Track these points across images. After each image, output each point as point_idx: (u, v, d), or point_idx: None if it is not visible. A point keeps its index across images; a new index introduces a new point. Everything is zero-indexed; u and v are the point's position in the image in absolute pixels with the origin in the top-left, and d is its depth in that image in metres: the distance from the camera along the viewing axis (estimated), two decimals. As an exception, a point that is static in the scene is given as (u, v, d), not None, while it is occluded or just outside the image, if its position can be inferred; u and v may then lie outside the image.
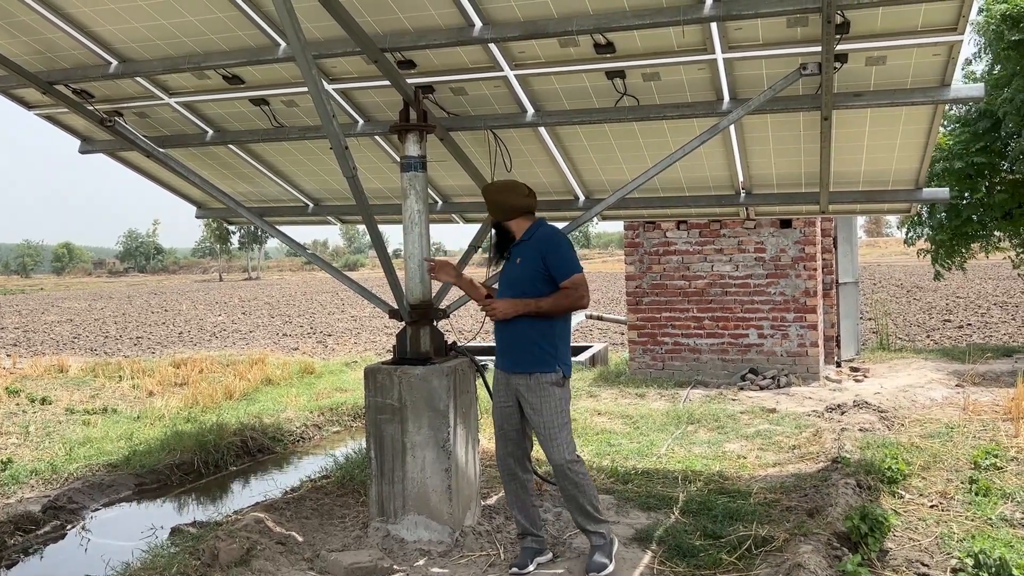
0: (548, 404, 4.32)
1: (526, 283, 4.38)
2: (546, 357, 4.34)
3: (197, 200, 7.71)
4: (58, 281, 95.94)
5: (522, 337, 4.36)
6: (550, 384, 4.32)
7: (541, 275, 4.34)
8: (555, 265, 4.32)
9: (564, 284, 4.29)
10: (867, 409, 8.22)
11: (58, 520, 5.83)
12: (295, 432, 8.51)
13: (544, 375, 4.32)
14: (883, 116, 5.16)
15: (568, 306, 4.33)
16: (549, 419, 4.32)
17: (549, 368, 4.33)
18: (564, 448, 4.32)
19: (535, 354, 4.34)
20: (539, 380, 4.33)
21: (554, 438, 4.31)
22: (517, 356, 4.39)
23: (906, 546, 4.69)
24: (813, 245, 10.27)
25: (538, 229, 4.49)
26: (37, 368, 12.81)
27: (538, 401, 4.33)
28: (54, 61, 5.43)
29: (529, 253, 4.40)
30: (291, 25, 4.04)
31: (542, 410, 4.33)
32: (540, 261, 4.33)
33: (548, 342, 4.35)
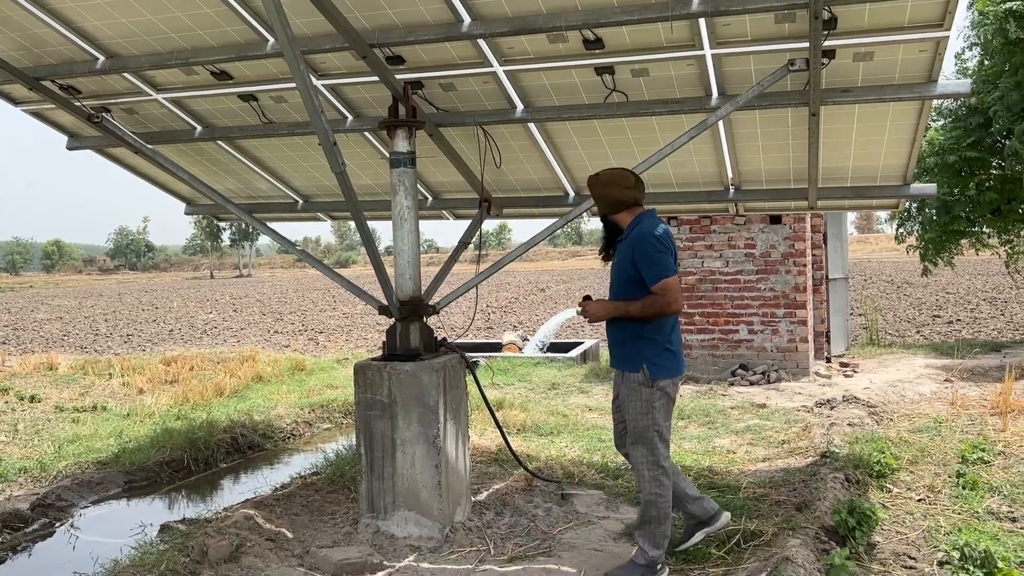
0: (634, 404, 4.26)
1: (619, 285, 4.36)
2: (632, 356, 4.28)
3: (186, 196, 7.68)
4: (48, 279, 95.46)
5: (614, 336, 4.41)
6: (636, 384, 4.25)
7: (632, 277, 4.26)
8: (643, 269, 4.20)
9: (653, 289, 4.17)
10: (856, 404, 8.26)
11: (47, 518, 5.80)
12: (285, 429, 8.50)
13: (631, 374, 4.28)
14: (871, 112, 5.18)
15: (654, 313, 4.19)
16: (633, 419, 4.28)
17: (634, 367, 4.26)
18: (646, 450, 4.25)
19: (624, 353, 4.33)
20: (628, 379, 4.30)
21: (639, 439, 4.27)
22: (612, 353, 4.46)
23: (893, 539, 4.72)
24: (803, 241, 10.30)
25: (636, 226, 4.33)
26: (26, 366, 12.73)
27: (627, 399, 4.31)
28: (40, 57, 5.40)
29: (623, 252, 4.35)
30: (279, 20, 4.03)
31: (628, 408, 4.31)
32: (630, 263, 4.26)
33: (634, 342, 4.28)
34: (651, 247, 4.19)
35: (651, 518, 4.27)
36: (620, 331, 4.35)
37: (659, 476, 4.25)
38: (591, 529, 5.11)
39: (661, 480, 4.25)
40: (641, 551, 4.29)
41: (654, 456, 4.25)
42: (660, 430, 4.26)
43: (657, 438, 4.25)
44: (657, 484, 4.25)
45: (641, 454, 4.27)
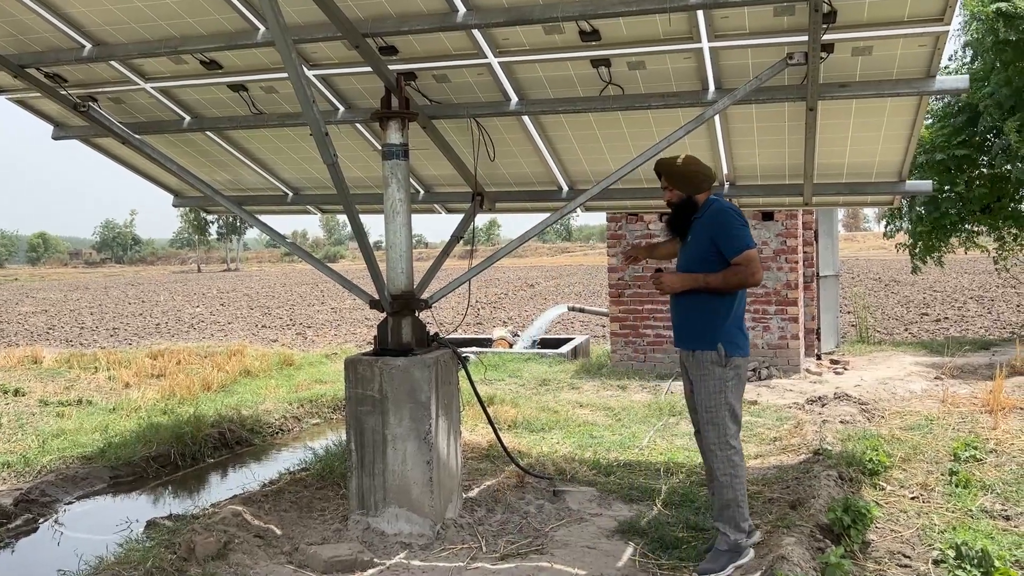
0: (706, 383, 4.23)
1: (694, 263, 4.30)
2: (706, 334, 4.23)
3: (174, 188, 7.58)
4: (33, 272, 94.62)
5: (685, 314, 4.34)
6: (709, 363, 4.21)
7: (709, 255, 4.24)
8: (724, 242, 4.20)
9: (735, 260, 4.18)
10: (848, 401, 8.25)
11: (30, 513, 5.70)
12: (274, 424, 8.42)
13: (704, 352, 4.23)
14: (868, 107, 5.15)
15: (737, 283, 4.20)
16: (706, 399, 4.23)
17: (709, 346, 4.21)
18: (717, 431, 4.22)
19: (696, 331, 4.27)
20: (699, 358, 4.25)
21: (710, 420, 4.23)
22: (681, 333, 4.38)
23: (888, 538, 4.69)
24: (795, 238, 10.29)
25: (710, 205, 4.37)
26: (10, 359, 12.58)
27: (698, 379, 4.27)
28: (25, 44, 5.29)
29: (699, 231, 4.32)
30: (270, 8, 3.94)
31: (700, 389, 4.26)
32: (708, 241, 4.25)
33: (709, 319, 4.24)
34: (735, 220, 4.26)
35: (729, 501, 4.23)
36: (693, 308, 4.29)
37: (732, 456, 4.23)
38: (583, 526, 5.06)
39: (734, 460, 4.23)
40: (724, 536, 4.26)
41: (725, 436, 4.22)
42: (733, 410, 4.24)
43: (729, 418, 4.23)
44: (731, 465, 4.22)
45: (713, 435, 4.23)
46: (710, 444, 4.27)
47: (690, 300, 4.29)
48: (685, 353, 4.39)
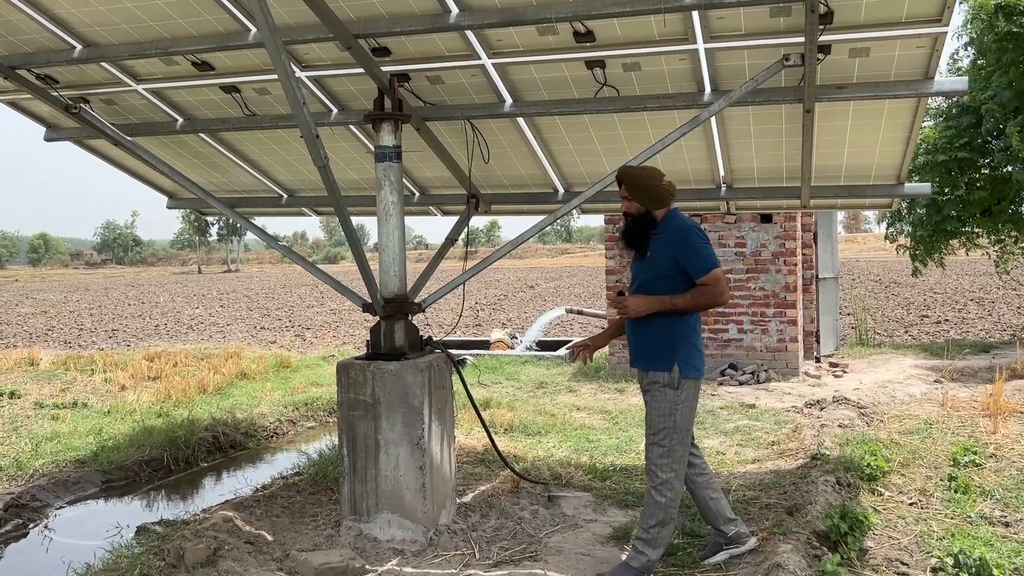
0: (658, 404, 4.12)
1: (655, 281, 4.14)
2: (665, 355, 4.10)
3: (168, 190, 7.53)
4: (34, 272, 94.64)
5: (642, 333, 4.20)
6: (663, 384, 4.09)
7: (670, 272, 4.10)
8: (689, 261, 4.07)
9: (702, 280, 4.05)
10: (846, 405, 8.20)
11: (20, 519, 5.65)
12: (268, 428, 8.37)
13: (658, 373, 4.11)
14: (866, 109, 5.10)
15: (705, 303, 4.12)
16: (656, 420, 4.12)
17: (666, 367, 4.09)
18: (662, 452, 4.09)
19: (654, 351, 4.14)
20: (652, 378, 4.14)
21: (657, 442, 4.11)
22: (639, 353, 4.24)
23: (885, 545, 4.63)
24: (794, 240, 10.24)
25: (670, 221, 4.21)
26: (7, 361, 12.54)
27: (649, 399, 4.18)
28: (16, 45, 5.24)
29: (659, 248, 4.16)
30: (259, 8, 3.89)
31: (651, 408, 4.16)
32: (670, 260, 4.10)
33: (667, 339, 4.12)
34: (697, 238, 4.14)
35: (660, 521, 4.12)
36: (652, 328, 4.15)
37: (672, 480, 4.11)
38: (578, 532, 5.00)
39: (674, 485, 4.11)
40: (637, 554, 4.15)
41: (670, 458, 4.10)
42: (681, 433, 4.12)
43: (677, 441, 4.11)
44: (670, 488, 4.11)
45: (657, 455, 4.12)
46: (653, 463, 4.13)
47: (649, 320, 4.15)
48: (639, 372, 4.27)
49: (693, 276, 4.07)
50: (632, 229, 4.27)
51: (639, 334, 4.23)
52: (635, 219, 4.25)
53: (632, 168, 4.36)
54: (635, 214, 4.24)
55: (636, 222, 4.25)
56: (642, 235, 4.23)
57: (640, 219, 4.23)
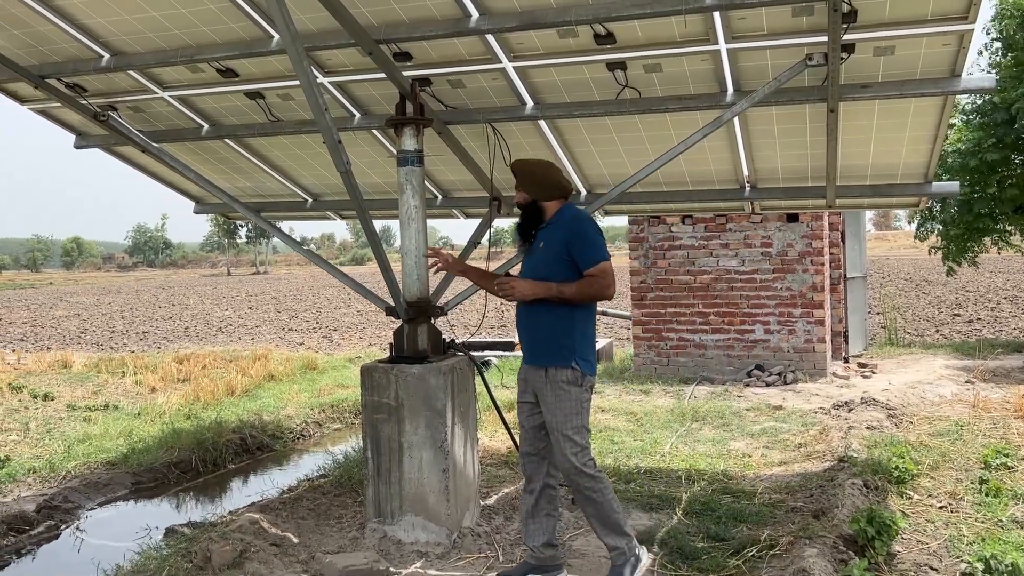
0: (562, 404, 4.00)
1: (546, 269, 4.06)
2: (563, 351, 4.01)
3: (195, 195, 7.62)
4: (67, 276, 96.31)
5: (539, 328, 4.08)
6: (565, 382, 4.00)
7: (563, 262, 4.02)
8: (579, 251, 4.01)
9: (589, 272, 3.98)
10: (875, 406, 8.09)
11: (52, 520, 5.75)
12: (295, 429, 8.44)
13: (559, 370, 4.01)
14: (891, 108, 5.03)
15: (591, 295, 4.02)
16: (563, 420, 3.99)
17: (564, 362, 4.01)
18: (573, 455, 3.98)
19: (552, 347, 4.04)
20: (553, 376, 4.01)
21: (568, 439, 3.99)
22: (534, 348, 4.12)
23: (914, 549, 4.58)
24: (820, 239, 10.13)
25: (564, 212, 4.18)
26: (41, 363, 12.78)
27: (552, 398, 4.02)
28: (45, 55, 5.34)
29: (553, 237, 4.09)
30: (281, 16, 3.94)
31: (555, 409, 4.01)
32: (563, 247, 4.03)
33: (566, 335, 4.03)
34: (591, 229, 4.08)
35: (606, 513, 4.03)
36: (548, 322, 4.05)
37: (595, 473, 4.02)
38: (602, 536, 4.98)
39: (597, 475, 4.03)
40: (617, 551, 4.07)
41: (585, 455, 4.02)
42: (586, 428, 4.07)
43: (583, 436, 4.04)
44: (595, 480, 4.02)
45: (571, 453, 3.98)
46: (572, 465, 3.98)
47: (545, 313, 4.05)
48: (533, 369, 4.12)
49: (583, 266, 4.00)
50: (522, 219, 4.25)
51: (534, 327, 4.11)
52: (523, 208, 4.22)
53: (524, 160, 4.33)
54: (523, 204, 4.22)
55: (524, 211, 4.22)
56: (528, 226, 4.21)
57: (526, 208, 4.21)
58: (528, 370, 4.16)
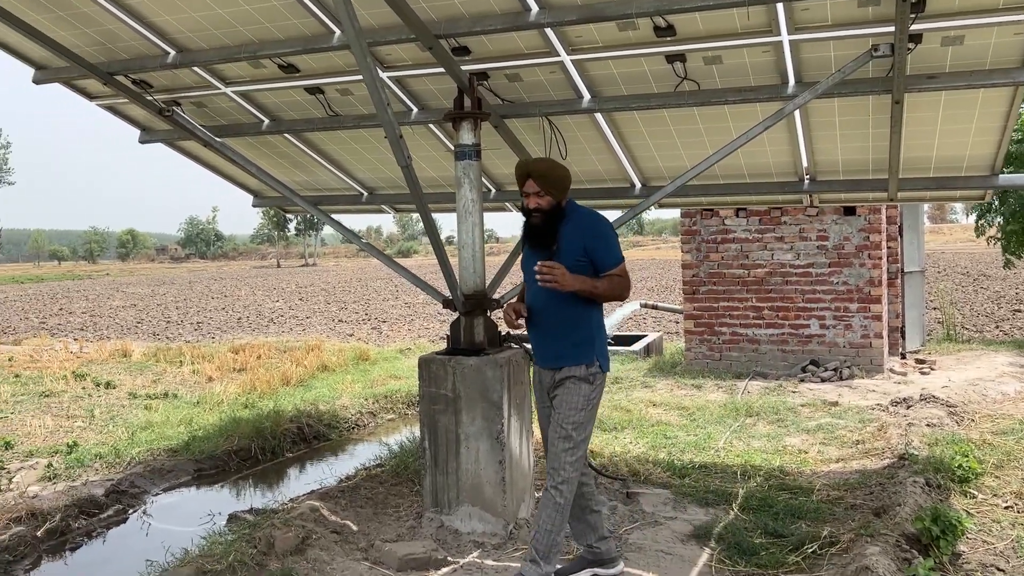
0: (573, 399, 3.92)
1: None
2: (586, 349, 3.97)
3: (253, 189, 7.77)
4: (123, 267, 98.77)
5: (558, 325, 3.99)
6: (577, 379, 3.94)
7: (579, 263, 3.91)
8: (601, 252, 3.94)
9: (611, 272, 3.95)
10: (935, 403, 7.93)
11: (120, 504, 5.94)
12: (350, 419, 8.57)
13: (579, 367, 3.94)
14: (958, 99, 4.92)
15: (616, 295, 3.99)
16: (567, 415, 3.90)
17: (583, 360, 3.95)
18: (569, 449, 3.87)
19: (571, 345, 3.97)
20: (572, 373, 3.95)
21: (567, 436, 3.88)
22: (550, 347, 4.04)
23: (980, 549, 4.49)
24: (878, 233, 9.94)
25: (575, 210, 4.05)
26: (102, 353, 13.16)
27: (563, 392, 3.95)
28: (114, 52, 5.48)
29: (570, 239, 3.96)
30: (346, 13, 3.99)
31: (564, 403, 3.93)
32: (581, 249, 3.93)
33: (590, 332, 3.99)
34: (609, 230, 4.04)
35: (555, 526, 3.86)
36: (572, 319, 3.97)
37: (572, 480, 3.89)
38: (658, 530, 4.99)
39: (572, 485, 3.90)
40: (532, 565, 3.87)
41: (575, 456, 3.89)
42: (588, 429, 3.98)
43: (584, 438, 3.94)
44: (569, 488, 3.88)
45: (563, 449, 3.87)
46: (558, 459, 3.87)
47: (571, 312, 3.96)
48: (548, 371, 4.05)
49: (603, 267, 3.94)
50: (547, 224, 3.99)
51: (556, 326, 4.01)
52: (548, 213, 3.98)
53: (540, 160, 4.11)
54: (547, 208, 3.98)
55: (549, 216, 3.99)
56: (555, 229, 3.99)
57: (553, 212, 4.00)
58: (547, 373, 4.08)
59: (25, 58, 5.67)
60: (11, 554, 4.97)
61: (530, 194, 3.98)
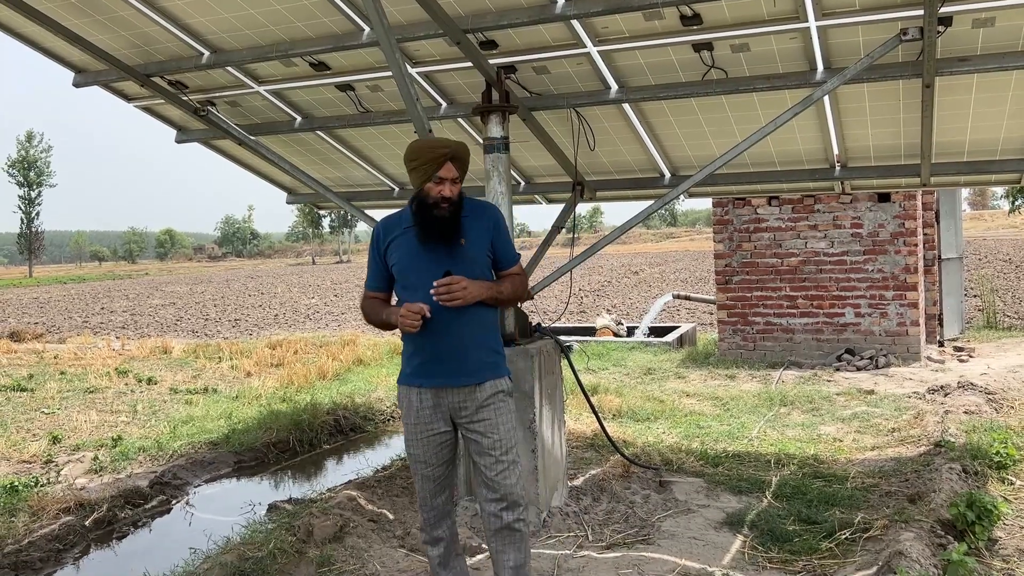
0: (504, 418, 3.36)
1: (475, 270, 3.35)
2: (499, 360, 3.42)
3: (287, 186, 7.90)
4: (161, 266, 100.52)
5: (473, 336, 3.33)
6: (504, 394, 3.39)
7: (485, 263, 3.41)
8: (504, 247, 3.46)
9: (511, 271, 3.49)
10: (973, 391, 7.84)
11: (164, 495, 6.09)
12: (385, 412, 8.67)
13: (499, 381, 3.38)
14: (990, 81, 4.86)
15: (519, 297, 3.56)
16: (506, 438, 3.35)
17: (503, 372, 3.43)
18: (518, 475, 3.38)
19: (486, 357, 3.37)
20: (493, 388, 3.35)
21: (512, 462, 3.36)
22: (465, 364, 3.32)
23: (1017, 535, 4.45)
24: (913, 219, 9.82)
25: (471, 201, 3.47)
26: (143, 350, 13.45)
27: (493, 416, 3.34)
28: (150, 54, 5.62)
29: (475, 233, 3.38)
30: (375, 10, 4.07)
31: (496, 426, 3.33)
32: (487, 244, 3.40)
33: (499, 342, 3.47)
34: (505, 223, 3.59)
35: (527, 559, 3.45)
36: (481, 331, 3.37)
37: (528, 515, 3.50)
38: (691, 518, 5.01)
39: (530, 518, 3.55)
40: None
41: (522, 469, 3.49)
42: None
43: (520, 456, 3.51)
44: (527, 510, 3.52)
45: (515, 478, 3.37)
46: (513, 490, 3.35)
47: (476, 320, 3.34)
48: (458, 391, 3.33)
49: (507, 264, 3.48)
50: (454, 216, 3.33)
51: (470, 339, 3.34)
52: (455, 204, 3.34)
53: (455, 142, 3.45)
54: (456, 198, 3.35)
55: (456, 207, 3.34)
56: (459, 221, 3.36)
57: (459, 203, 3.37)
58: (447, 393, 3.35)
59: (66, 62, 5.84)
60: (61, 543, 5.13)
61: (446, 180, 3.32)
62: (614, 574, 4.24)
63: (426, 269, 3.30)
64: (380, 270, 3.47)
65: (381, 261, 3.46)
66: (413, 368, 3.41)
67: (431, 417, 3.38)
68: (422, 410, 3.38)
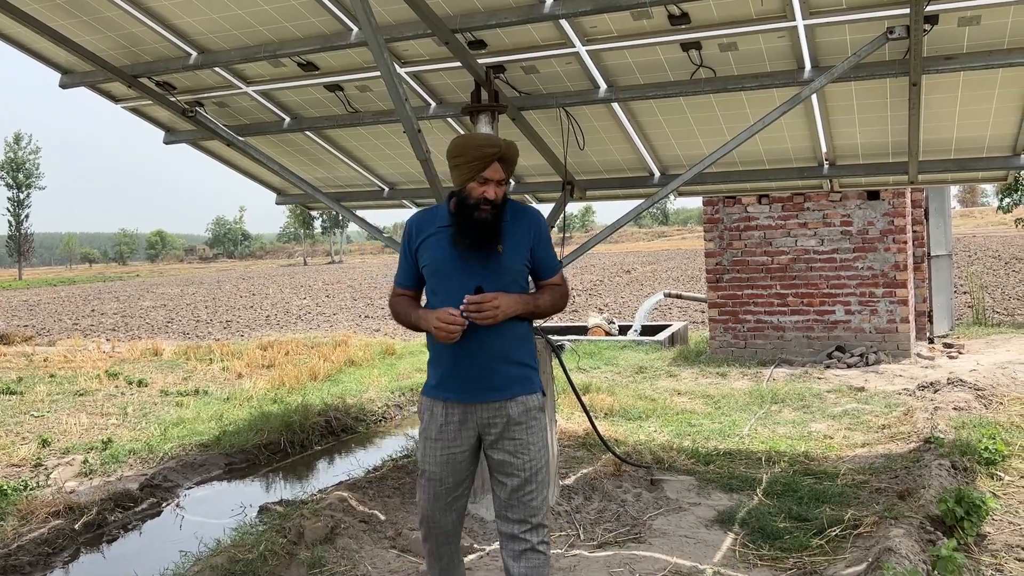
0: (536, 436, 3.17)
1: (510, 282, 3.15)
2: (530, 373, 3.23)
3: (277, 187, 7.87)
4: (152, 268, 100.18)
5: (505, 349, 3.14)
6: (537, 409, 3.20)
7: (524, 270, 3.22)
8: (547, 257, 3.27)
9: (552, 281, 3.28)
10: (962, 387, 7.88)
11: (154, 498, 6.07)
12: (377, 412, 8.67)
13: (531, 396, 3.19)
14: (977, 79, 4.89)
15: (557, 309, 3.32)
16: (537, 456, 3.15)
17: (536, 387, 3.23)
18: (541, 501, 3.17)
19: (520, 372, 3.19)
20: (525, 405, 3.16)
21: (542, 482, 3.17)
22: (492, 377, 3.13)
23: (1006, 530, 4.48)
24: (903, 217, 9.87)
25: (513, 205, 3.25)
26: (134, 352, 13.40)
27: (524, 435, 3.14)
28: (137, 55, 5.59)
29: (516, 240, 3.18)
30: (362, 9, 4.05)
31: (528, 445, 3.14)
32: (527, 252, 3.20)
33: (530, 355, 3.26)
34: (548, 229, 3.34)
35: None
36: (517, 341, 3.19)
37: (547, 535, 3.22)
38: (682, 516, 5.03)
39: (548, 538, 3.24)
40: None
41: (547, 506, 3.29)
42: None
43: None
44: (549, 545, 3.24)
45: (541, 501, 3.17)
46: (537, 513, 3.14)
47: (510, 335, 3.15)
48: (488, 406, 3.13)
49: (548, 274, 3.28)
50: (494, 220, 3.11)
51: (502, 351, 3.14)
52: (498, 207, 3.13)
53: (509, 142, 3.22)
54: (499, 201, 3.14)
55: (498, 210, 3.13)
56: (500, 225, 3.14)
57: (502, 207, 3.16)
58: (476, 409, 3.15)
59: (52, 63, 5.80)
60: (50, 547, 5.11)
61: (491, 181, 3.10)
62: (606, 573, 4.25)
63: (458, 280, 3.10)
64: (411, 268, 3.31)
65: (412, 259, 3.29)
66: (439, 379, 3.21)
67: (456, 433, 3.17)
68: (447, 425, 3.17)
